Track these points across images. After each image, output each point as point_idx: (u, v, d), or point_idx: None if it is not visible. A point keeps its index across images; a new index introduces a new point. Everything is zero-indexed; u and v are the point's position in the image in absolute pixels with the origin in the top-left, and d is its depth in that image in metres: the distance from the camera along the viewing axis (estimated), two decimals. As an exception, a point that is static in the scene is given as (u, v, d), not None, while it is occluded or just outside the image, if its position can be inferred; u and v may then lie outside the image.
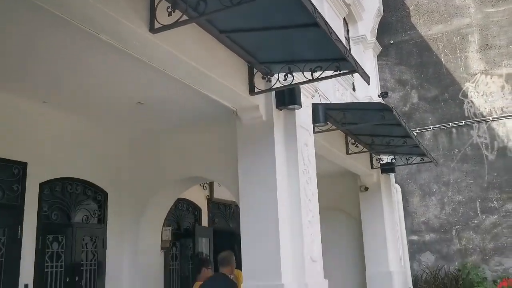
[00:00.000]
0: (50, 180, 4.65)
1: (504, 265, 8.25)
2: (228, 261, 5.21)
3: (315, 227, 4.75)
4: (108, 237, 5.22)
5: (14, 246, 4.15)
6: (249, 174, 4.55)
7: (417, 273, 8.74)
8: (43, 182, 4.55)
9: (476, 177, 8.75)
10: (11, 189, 4.27)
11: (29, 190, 4.37)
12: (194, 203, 6.80)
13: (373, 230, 8.05)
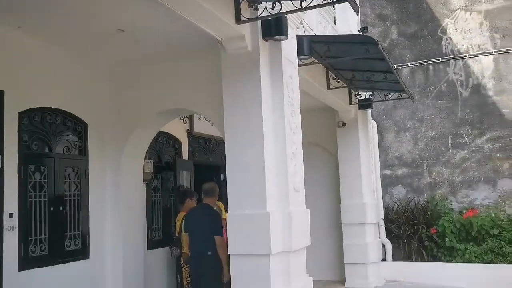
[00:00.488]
0: (28, 109, 4.51)
1: (470, 197, 8.69)
2: (212, 192, 5.32)
3: (298, 158, 4.84)
4: (90, 168, 5.18)
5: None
6: (234, 106, 4.52)
7: (388, 205, 9.13)
8: (21, 111, 4.41)
9: (449, 113, 8.97)
10: (-12, 119, 4.15)
11: (8, 119, 4.25)
12: (175, 136, 6.77)
13: (349, 164, 8.28)
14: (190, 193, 5.99)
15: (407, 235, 8.46)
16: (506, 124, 8.53)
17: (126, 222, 5.34)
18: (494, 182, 8.53)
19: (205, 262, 5.04)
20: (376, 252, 8.24)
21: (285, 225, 4.44)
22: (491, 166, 8.58)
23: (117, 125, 5.42)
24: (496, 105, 8.64)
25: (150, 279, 5.83)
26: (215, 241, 5.02)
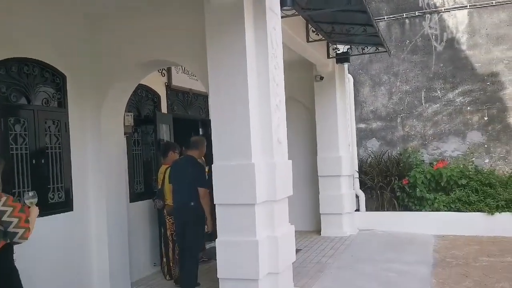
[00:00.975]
0: (5, 60, 4.34)
1: (440, 149, 9.02)
2: (197, 145, 5.35)
3: (281, 110, 4.89)
4: (70, 121, 5.09)
5: None
6: (218, 58, 4.48)
7: (362, 158, 9.39)
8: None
9: (423, 67, 9.14)
10: (-36, 69, 3.99)
11: (-15, 69, 4.11)
12: (153, 89, 6.68)
13: (326, 118, 8.42)
14: (172, 146, 6.01)
15: (380, 186, 8.77)
16: (477, 78, 8.78)
17: (108, 175, 5.33)
18: (463, 134, 8.86)
19: (189, 213, 5.14)
20: (350, 203, 8.55)
21: (270, 175, 4.55)
22: (461, 119, 8.88)
23: (96, 77, 5.30)
24: (468, 59, 8.84)
25: (133, 231, 5.91)
26: (199, 192, 5.10)
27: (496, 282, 5.34)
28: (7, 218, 3.06)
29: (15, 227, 3.08)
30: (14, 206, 3.11)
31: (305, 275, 5.82)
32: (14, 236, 3.10)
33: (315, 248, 7.40)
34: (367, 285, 5.39)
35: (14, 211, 3.08)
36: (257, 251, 4.32)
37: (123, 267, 5.53)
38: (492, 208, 7.83)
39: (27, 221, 3.14)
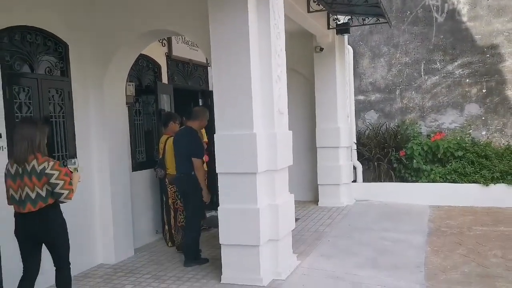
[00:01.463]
0: (8, 27, 4.34)
1: (438, 121, 9.10)
2: (197, 116, 5.41)
3: (282, 81, 4.94)
4: (74, 90, 5.11)
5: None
6: (220, 28, 4.50)
7: (361, 130, 9.46)
8: (1, 29, 4.25)
9: (424, 39, 9.12)
10: (-32, 37, 4.00)
11: (-12, 38, 4.12)
12: (154, 59, 6.67)
13: (325, 89, 8.45)
14: (173, 116, 6.05)
15: (378, 157, 8.88)
16: (477, 50, 8.78)
17: (111, 144, 5.39)
18: (461, 107, 8.93)
19: (186, 183, 5.24)
20: (348, 174, 8.67)
21: (271, 145, 4.64)
22: (460, 92, 8.93)
23: (98, 47, 5.30)
24: (469, 31, 8.82)
25: (135, 199, 6.02)
26: (193, 163, 5.17)
27: (489, 250, 5.51)
28: (54, 180, 3.42)
29: (61, 188, 3.44)
30: (60, 170, 3.46)
31: (304, 243, 5.97)
32: (60, 196, 3.46)
33: (313, 218, 7.56)
34: (363, 252, 5.55)
35: (60, 175, 3.44)
36: (258, 219, 4.45)
37: (127, 235, 5.67)
38: (487, 180, 7.96)
39: (70, 184, 3.50)
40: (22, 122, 3.71)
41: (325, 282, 4.60)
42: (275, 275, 4.64)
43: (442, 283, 4.51)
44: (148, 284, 4.74)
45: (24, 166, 3.41)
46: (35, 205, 3.42)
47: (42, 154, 3.49)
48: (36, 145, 3.46)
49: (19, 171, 3.43)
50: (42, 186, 3.41)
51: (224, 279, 4.61)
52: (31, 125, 3.50)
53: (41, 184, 3.41)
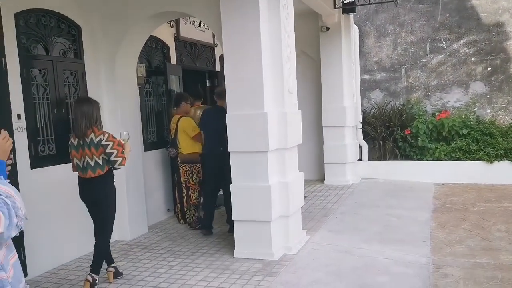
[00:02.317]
0: (24, 10, 4.43)
1: (443, 100, 9.18)
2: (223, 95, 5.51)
3: (292, 61, 5.03)
4: (87, 72, 5.22)
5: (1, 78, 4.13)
6: (231, 10, 4.57)
7: (366, 109, 9.56)
8: (17, 12, 4.34)
9: (429, 18, 9.13)
10: (-14, 21, 4.09)
11: (5, 21, 4.19)
12: (163, 40, 6.74)
13: (331, 69, 8.52)
14: (185, 96, 6.15)
15: (383, 136, 8.99)
16: (482, 28, 8.80)
17: (124, 124, 5.51)
18: (466, 85, 8.99)
19: (219, 158, 5.36)
20: (353, 153, 8.80)
21: (281, 124, 4.76)
22: (465, 70, 8.98)
23: (110, 29, 5.38)
24: (474, 9, 8.82)
25: (147, 179, 6.16)
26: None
27: (492, 225, 5.66)
28: (109, 150, 3.94)
29: (115, 156, 3.95)
30: (113, 141, 3.98)
31: (312, 219, 6.14)
32: (115, 163, 3.98)
33: (320, 195, 7.72)
34: (370, 228, 5.71)
35: (114, 145, 3.97)
36: (270, 196, 4.60)
37: (141, 212, 5.84)
38: (491, 157, 8.08)
39: (123, 153, 4.01)
40: (80, 101, 4.15)
41: (334, 256, 4.77)
42: (286, 249, 4.81)
43: (448, 256, 4.67)
44: (164, 259, 4.92)
45: (84, 139, 3.96)
46: (95, 172, 3.96)
47: (98, 128, 4.02)
48: (93, 120, 4.00)
49: (80, 143, 3.98)
50: (100, 156, 3.94)
51: (237, 254, 4.78)
52: (88, 103, 4.03)
53: (99, 154, 3.93)
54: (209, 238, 5.55)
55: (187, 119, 5.90)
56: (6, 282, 1.72)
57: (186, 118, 5.90)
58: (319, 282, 4.08)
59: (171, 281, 4.26)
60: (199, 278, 4.29)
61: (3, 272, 1.72)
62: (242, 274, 4.33)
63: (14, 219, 1.70)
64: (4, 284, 1.72)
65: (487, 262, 4.46)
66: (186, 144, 5.82)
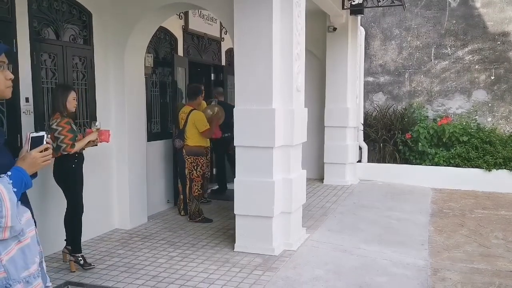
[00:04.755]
0: (36, -6, 4.43)
1: (445, 106, 9.23)
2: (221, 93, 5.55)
3: (301, 59, 5.05)
4: (96, 59, 5.22)
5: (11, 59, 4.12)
6: (244, 6, 4.58)
7: (368, 111, 9.59)
8: (30, -4, 4.35)
9: (436, 23, 9.17)
10: (1, 1, 4.07)
11: (18, 2, 4.18)
12: (171, 32, 6.74)
13: (336, 70, 8.54)
14: (201, 90, 6.15)
15: (383, 139, 9.03)
16: (488, 37, 8.85)
17: (129, 113, 5.51)
18: (469, 92, 9.05)
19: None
20: (354, 154, 8.83)
21: (288, 121, 4.78)
22: (468, 77, 9.03)
23: (120, 17, 5.37)
24: (481, 17, 8.87)
25: (149, 169, 6.16)
26: None
27: (490, 232, 5.72)
28: (57, 134, 4.04)
29: (61, 142, 4.04)
30: (63, 127, 4.05)
31: (311, 218, 6.17)
32: (60, 148, 4.06)
33: (319, 195, 7.75)
34: (369, 229, 5.75)
35: (62, 130, 4.04)
36: (273, 191, 4.63)
37: (141, 202, 5.84)
38: (490, 165, 8.14)
39: (70, 140, 4.08)
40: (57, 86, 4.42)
41: (333, 255, 4.80)
42: (286, 246, 4.84)
43: (446, 260, 4.72)
44: (164, 249, 4.93)
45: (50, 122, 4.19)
46: (56, 153, 4.08)
47: (61, 113, 4.12)
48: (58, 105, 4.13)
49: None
50: (55, 139, 4.04)
51: (237, 248, 4.81)
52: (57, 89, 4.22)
53: (53, 137, 4.03)
54: (209, 231, 5.57)
55: (199, 113, 5.91)
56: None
57: (198, 112, 5.91)
58: (319, 279, 4.11)
59: (171, 271, 4.28)
60: (199, 270, 4.31)
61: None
62: (242, 267, 4.36)
63: None
64: None
65: (485, 268, 4.51)
66: (193, 136, 5.84)
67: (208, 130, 5.83)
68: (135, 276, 4.19)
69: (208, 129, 5.82)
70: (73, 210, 4.29)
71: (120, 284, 4.02)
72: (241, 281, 4.05)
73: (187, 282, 4.03)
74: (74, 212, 4.30)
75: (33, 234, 1.85)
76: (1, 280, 1.67)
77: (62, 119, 4.08)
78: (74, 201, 4.29)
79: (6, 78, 1.82)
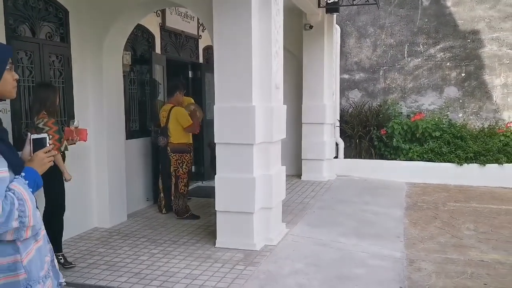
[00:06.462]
0: (11, -8, 4.37)
1: (418, 102, 9.47)
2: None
3: (280, 57, 5.13)
4: (73, 56, 5.17)
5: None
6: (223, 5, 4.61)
7: (344, 108, 9.76)
8: (6, -7, 4.28)
9: (408, 22, 9.39)
10: (-25, -1, 4.02)
11: (-6, 1, 4.14)
12: (148, 29, 6.72)
13: (312, 67, 8.65)
14: (179, 86, 6.14)
15: (359, 135, 9.21)
16: (459, 35, 9.11)
17: (108, 111, 5.48)
18: (441, 89, 9.30)
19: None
20: (331, 150, 8.97)
21: (267, 118, 4.85)
22: (440, 75, 9.29)
23: (97, 15, 5.34)
24: (452, 16, 9.12)
25: (128, 167, 6.13)
26: None
27: (462, 224, 5.92)
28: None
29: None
30: (50, 127, 4.01)
31: (291, 213, 6.27)
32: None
33: (297, 190, 7.86)
34: (347, 223, 5.88)
35: (50, 131, 3.99)
36: (254, 187, 4.69)
37: (121, 200, 5.83)
38: (461, 159, 8.40)
39: (58, 140, 4.08)
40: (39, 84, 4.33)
41: (313, 248, 4.90)
42: (267, 241, 4.92)
43: (421, 251, 4.88)
44: (145, 246, 4.94)
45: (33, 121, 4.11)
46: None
47: (48, 113, 4.09)
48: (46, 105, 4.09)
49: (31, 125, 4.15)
50: None
51: (218, 244, 4.85)
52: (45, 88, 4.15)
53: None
54: (190, 228, 5.60)
55: (181, 109, 5.93)
56: (20, 265, 1.69)
57: (180, 108, 5.92)
58: (299, 273, 4.20)
59: (154, 268, 4.30)
60: (182, 266, 4.34)
61: (18, 255, 1.68)
62: (224, 263, 4.41)
63: (13, 222, 1.62)
64: (17, 267, 1.68)
65: (457, 258, 4.68)
66: (177, 133, 5.85)
67: (191, 125, 5.87)
68: (117, 273, 4.20)
69: (191, 124, 5.86)
70: (54, 210, 4.28)
71: (102, 282, 4.03)
72: (223, 276, 4.11)
73: (170, 279, 4.06)
74: (55, 212, 4.28)
75: (44, 233, 1.90)
76: (22, 281, 1.69)
77: (49, 119, 4.05)
78: (55, 201, 4.27)
79: (12, 78, 1.85)
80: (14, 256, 1.67)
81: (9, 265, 1.66)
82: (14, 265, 1.67)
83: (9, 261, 1.66)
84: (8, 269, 1.66)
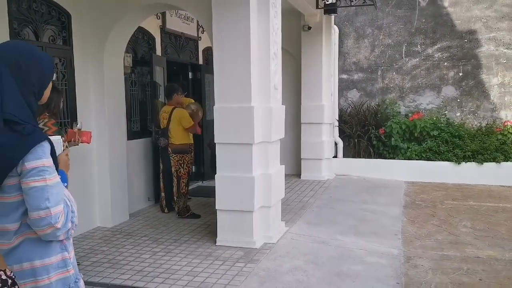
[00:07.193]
0: (15, -5, 4.47)
1: (416, 102, 9.56)
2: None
3: (278, 58, 5.22)
4: (75, 59, 5.26)
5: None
6: (222, 7, 4.70)
7: (343, 107, 9.85)
8: (9, -3, 4.38)
9: (406, 22, 9.48)
10: (-20, 3, 4.11)
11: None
12: (149, 31, 6.81)
13: (311, 68, 8.74)
14: (177, 88, 6.24)
15: (358, 135, 9.30)
16: (456, 35, 9.20)
17: (109, 112, 5.58)
18: (439, 89, 9.39)
19: None
20: (329, 150, 9.06)
21: (266, 118, 4.94)
22: (438, 74, 9.38)
23: (99, 17, 5.43)
24: (449, 16, 9.21)
25: (131, 166, 6.23)
26: None
27: (459, 221, 6.01)
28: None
29: None
30: (50, 128, 3.98)
31: (290, 212, 6.36)
32: None
33: (296, 190, 7.95)
34: (345, 221, 5.97)
35: (49, 131, 3.95)
36: (253, 186, 4.78)
37: (123, 200, 5.92)
38: (459, 158, 8.49)
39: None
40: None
41: (312, 246, 4.99)
42: (266, 239, 5.01)
43: (418, 249, 4.97)
44: (147, 245, 5.04)
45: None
46: None
47: (50, 114, 4.08)
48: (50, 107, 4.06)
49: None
50: None
51: (219, 242, 4.95)
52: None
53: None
54: (190, 227, 5.69)
55: (183, 111, 6.05)
56: (68, 261, 1.81)
57: (181, 109, 6.04)
58: (299, 270, 4.30)
59: (156, 266, 4.39)
60: (183, 264, 4.44)
61: (65, 252, 1.80)
62: (224, 260, 4.50)
63: (69, 223, 1.74)
64: (67, 263, 1.80)
65: (454, 255, 4.77)
66: (178, 134, 5.96)
67: (192, 126, 5.98)
68: (120, 271, 4.29)
69: (192, 124, 5.98)
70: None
71: (106, 279, 4.12)
72: (224, 273, 4.20)
73: (172, 276, 4.15)
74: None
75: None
76: (72, 276, 1.82)
77: (49, 119, 4.10)
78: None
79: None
80: (62, 254, 1.79)
81: (58, 263, 1.78)
82: (64, 262, 1.79)
83: (58, 259, 1.77)
84: (58, 266, 1.77)
